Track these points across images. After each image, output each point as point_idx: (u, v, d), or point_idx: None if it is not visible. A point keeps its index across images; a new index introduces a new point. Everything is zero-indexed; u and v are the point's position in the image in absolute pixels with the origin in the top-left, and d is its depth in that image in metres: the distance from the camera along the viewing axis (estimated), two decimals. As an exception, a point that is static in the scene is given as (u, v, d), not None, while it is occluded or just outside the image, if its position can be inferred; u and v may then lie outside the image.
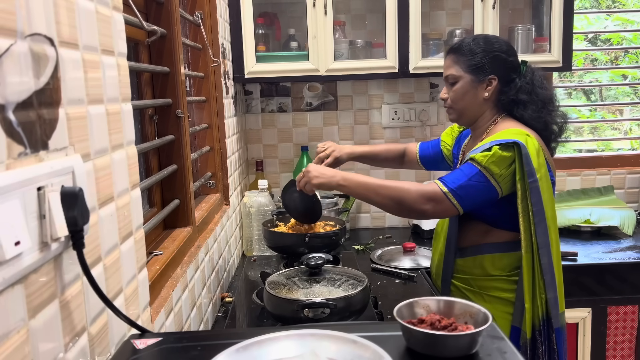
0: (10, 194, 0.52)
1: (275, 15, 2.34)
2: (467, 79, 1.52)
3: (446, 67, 1.56)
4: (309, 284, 1.30)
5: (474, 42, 1.53)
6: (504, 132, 1.45)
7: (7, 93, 0.53)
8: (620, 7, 3.37)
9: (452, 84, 1.54)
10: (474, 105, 1.54)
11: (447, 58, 1.56)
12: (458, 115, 1.58)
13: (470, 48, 1.52)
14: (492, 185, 1.40)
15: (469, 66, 1.51)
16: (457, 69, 1.53)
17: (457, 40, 1.59)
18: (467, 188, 1.39)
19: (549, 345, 1.44)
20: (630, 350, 2.03)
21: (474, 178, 1.39)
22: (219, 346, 0.66)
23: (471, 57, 1.51)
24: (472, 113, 1.56)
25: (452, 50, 1.56)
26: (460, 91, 1.53)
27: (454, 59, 1.54)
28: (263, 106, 2.47)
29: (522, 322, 1.45)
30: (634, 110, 2.99)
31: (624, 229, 2.22)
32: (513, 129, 1.46)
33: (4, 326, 0.51)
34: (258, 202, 2.03)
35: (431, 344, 0.71)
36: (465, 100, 1.54)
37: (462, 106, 1.55)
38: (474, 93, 1.53)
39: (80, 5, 0.71)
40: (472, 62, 1.51)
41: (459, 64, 1.53)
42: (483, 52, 1.51)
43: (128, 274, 0.84)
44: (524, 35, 2.22)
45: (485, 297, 1.51)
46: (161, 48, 1.31)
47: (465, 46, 1.53)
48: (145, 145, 1.12)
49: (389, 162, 1.93)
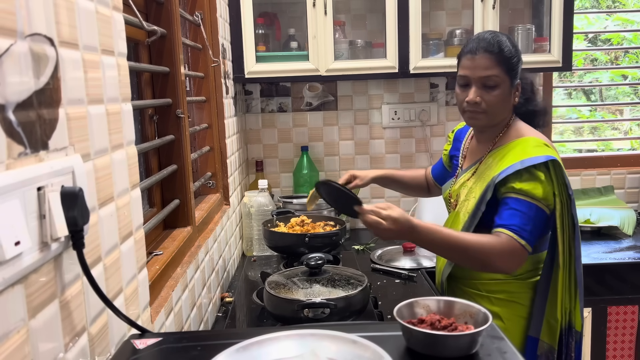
0: (11, 194, 0.52)
1: (275, 15, 2.34)
2: (507, 83, 1.42)
3: (485, 67, 1.40)
4: (309, 284, 1.30)
5: (509, 43, 1.43)
6: (526, 145, 1.41)
7: (7, 93, 0.53)
8: (621, 7, 3.37)
9: (490, 87, 1.41)
10: (506, 111, 1.47)
11: (483, 57, 1.40)
12: (489, 120, 1.45)
13: (509, 50, 1.42)
14: (546, 213, 1.36)
15: (509, 70, 1.42)
16: (499, 71, 1.40)
17: (491, 39, 1.42)
18: (534, 230, 1.35)
19: (567, 353, 1.44)
20: (630, 350, 2.03)
21: (535, 217, 1.34)
22: (219, 346, 0.66)
23: (510, 59, 1.41)
24: (501, 118, 1.48)
25: (492, 49, 1.40)
26: (501, 96, 1.42)
27: (496, 59, 1.40)
28: (263, 106, 2.47)
29: (543, 333, 1.43)
30: (634, 110, 2.99)
31: (624, 229, 2.22)
32: (532, 139, 1.43)
33: (4, 326, 0.51)
34: (258, 202, 2.03)
35: (431, 344, 0.71)
36: (502, 106, 1.44)
37: (498, 111, 1.44)
38: (509, 99, 1.45)
39: (80, 5, 0.71)
40: (511, 66, 1.42)
41: (500, 65, 1.40)
42: (517, 55, 1.43)
43: (128, 274, 0.84)
44: (524, 35, 2.22)
45: (494, 300, 1.46)
46: (161, 48, 1.31)
47: (505, 47, 1.41)
48: (145, 145, 1.12)
49: (416, 191, 1.85)
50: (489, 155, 1.50)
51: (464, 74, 1.44)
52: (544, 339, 1.44)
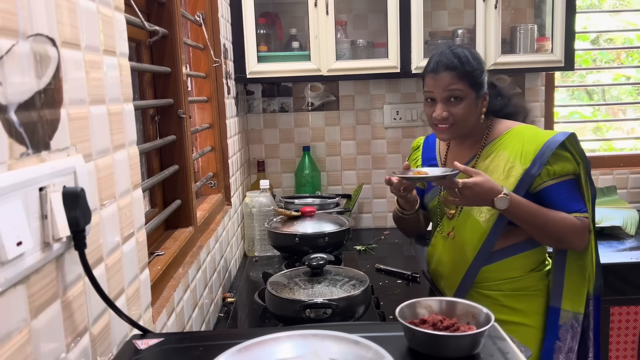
0: (12, 194, 0.52)
1: (277, 15, 2.34)
2: (472, 95, 1.48)
3: (447, 83, 1.46)
4: (311, 285, 1.30)
5: (471, 58, 1.49)
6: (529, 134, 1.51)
7: (9, 93, 0.53)
8: (625, 7, 3.36)
9: (455, 100, 1.47)
10: (476, 121, 1.52)
11: (446, 74, 1.46)
12: (458, 132, 1.51)
13: (470, 64, 1.48)
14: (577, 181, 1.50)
15: (472, 83, 1.47)
16: (462, 85, 1.46)
17: (450, 56, 1.49)
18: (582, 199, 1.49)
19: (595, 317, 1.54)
20: (633, 351, 2.02)
21: (575, 187, 1.49)
22: (220, 346, 0.66)
23: (472, 73, 1.47)
24: (471, 128, 1.53)
25: (453, 66, 1.47)
26: (467, 108, 1.48)
27: (457, 75, 1.46)
28: (265, 106, 2.47)
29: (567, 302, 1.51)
30: (638, 110, 2.98)
31: (626, 229, 2.22)
32: (526, 127, 1.55)
33: (6, 326, 0.51)
34: (260, 203, 2.03)
35: (433, 344, 0.71)
36: (470, 117, 1.49)
37: (465, 123, 1.49)
38: (476, 110, 1.50)
39: (82, 6, 0.71)
40: (474, 79, 1.47)
41: (462, 80, 1.46)
42: (480, 69, 1.50)
43: (130, 274, 0.84)
44: (525, 35, 2.22)
45: (519, 296, 1.52)
46: (163, 48, 1.31)
47: (465, 63, 1.47)
48: (146, 145, 1.12)
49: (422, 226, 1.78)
50: (484, 155, 1.54)
51: (428, 90, 1.52)
52: (574, 310, 1.51)
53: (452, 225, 1.57)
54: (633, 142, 2.84)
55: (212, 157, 1.78)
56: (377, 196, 2.50)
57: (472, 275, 1.52)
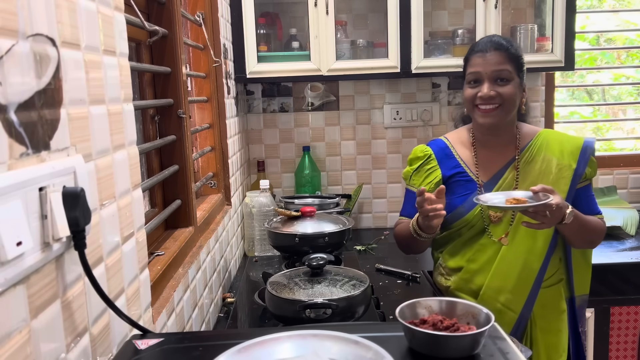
0: (12, 194, 0.52)
1: (277, 15, 2.34)
2: (517, 81, 1.45)
3: (497, 62, 1.42)
4: (311, 285, 1.30)
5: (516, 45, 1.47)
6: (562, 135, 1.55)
7: (8, 93, 0.53)
8: (625, 7, 3.36)
9: (503, 81, 1.43)
10: (515, 110, 1.48)
11: (496, 53, 1.43)
12: (503, 116, 1.44)
13: (517, 49, 1.46)
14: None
15: (518, 68, 1.45)
16: (510, 66, 1.43)
17: (499, 38, 1.47)
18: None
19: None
20: (634, 351, 2.02)
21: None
22: (220, 347, 0.66)
23: (519, 58, 1.45)
24: (512, 117, 1.49)
25: (503, 47, 1.43)
26: (513, 90, 1.43)
27: (506, 55, 1.43)
28: (264, 106, 2.47)
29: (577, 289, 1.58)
30: (638, 110, 2.98)
31: (626, 229, 2.22)
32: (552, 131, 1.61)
33: (6, 326, 0.51)
34: (260, 203, 2.03)
35: (433, 344, 0.71)
36: (515, 102, 1.45)
37: (511, 106, 1.44)
38: (518, 98, 1.47)
39: (81, 6, 0.71)
40: (519, 65, 1.45)
41: (511, 62, 1.43)
42: (522, 56, 1.48)
43: (130, 274, 0.84)
44: (526, 35, 2.21)
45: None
46: (162, 48, 1.31)
47: (513, 46, 1.45)
48: (146, 145, 1.12)
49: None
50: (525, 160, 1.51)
51: (475, 70, 1.46)
52: (579, 294, 1.58)
53: (504, 230, 1.47)
54: (633, 142, 2.84)
55: (212, 157, 1.78)
56: (377, 196, 2.49)
57: (539, 283, 1.46)
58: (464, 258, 1.52)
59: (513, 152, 1.52)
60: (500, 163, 1.52)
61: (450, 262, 1.55)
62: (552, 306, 1.52)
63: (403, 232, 1.55)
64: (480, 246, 1.50)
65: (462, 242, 1.53)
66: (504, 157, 1.52)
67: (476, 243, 1.50)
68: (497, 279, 1.46)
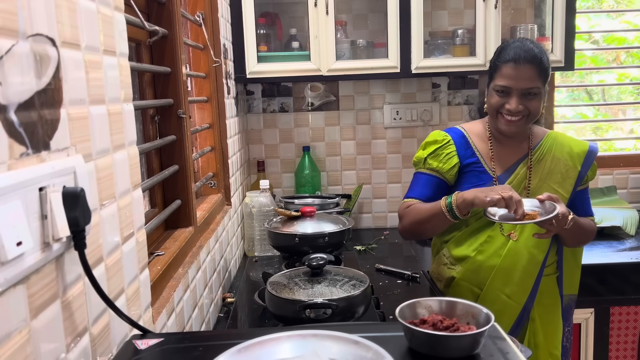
0: (12, 194, 0.52)
1: (277, 15, 2.33)
2: (543, 92, 1.50)
3: (528, 78, 1.45)
4: (311, 285, 1.30)
5: (546, 54, 1.50)
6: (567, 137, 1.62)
7: (8, 93, 0.53)
8: (625, 8, 3.35)
9: (531, 96, 1.47)
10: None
11: (529, 67, 1.45)
12: (525, 126, 1.53)
13: (548, 62, 1.49)
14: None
15: (545, 81, 1.50)
16: (540, 82, 1.48)
17: (531, 46, 1.48)
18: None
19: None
20: (633, 351, 2.02)
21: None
22: (220, 347, 0.66)
23: (548, 71, 1.49)
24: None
25: (535, 61, 1.45)
26: (539, 104, 1.49)
27: (538, 71, 1.46)
28: (264, 106, 2.47)
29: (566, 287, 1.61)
30: (638, 110, 2.98)
31: (626, 229, 2.22)
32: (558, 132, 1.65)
33: (6, 326, 0.51)
34: (260, 203, 2.03)
35: (433, 344, 0.71)
36: (538, 113, 1.51)
37: (534, 118, 1.52)
38: (542, 107, 1.53)
39: (81, 6, 0.71)
40: (547, 78, 1.50)
41: (541, 77, 1.47)
42: (550, 66, 1.52)
43: (130, 274, 0.84)
44: (525, 35, 2.21)
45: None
46: (162, 48, 1.31)
47: (545, 59, 1.48)
48: (146, 145, 1.12)
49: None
50: (536, 158, 1.57)
51: (505, 84, 1.47)
52: (567, 293, 1.62)
53: (513, 226, 1.51)
54: (633, 142, 2.84)
55: (212, 157, 1.78)
56: (377, 196, 2.49)
57: (541, 273, 1.54)
58: (470, 248, 1.54)
59: (526, 149, 1.59)
60: (514, 158, 1.59)
61: (456, 251, 1.57)
62: (550, 294, 1.58)
63: (422, 212, 1.51)
64: (488, 237, 1.53)
65: (469, 232, 1.56)
66: (517, 153, 1.59)
67: (483, 234, 1.54)
68: (504, 272, 1.50)
